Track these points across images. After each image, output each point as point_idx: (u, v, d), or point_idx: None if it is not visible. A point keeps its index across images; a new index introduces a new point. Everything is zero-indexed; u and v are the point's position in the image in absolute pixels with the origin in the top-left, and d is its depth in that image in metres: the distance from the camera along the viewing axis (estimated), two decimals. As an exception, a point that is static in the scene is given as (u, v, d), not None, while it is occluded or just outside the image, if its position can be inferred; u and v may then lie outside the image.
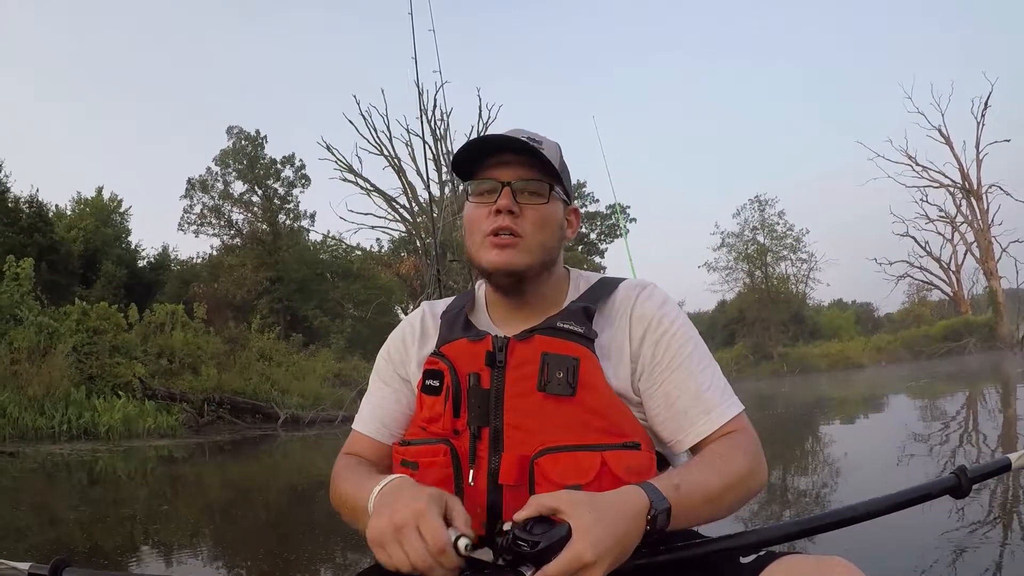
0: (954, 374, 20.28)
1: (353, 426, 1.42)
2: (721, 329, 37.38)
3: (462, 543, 0.96)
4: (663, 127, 69.82)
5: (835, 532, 1.10)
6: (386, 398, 1.39)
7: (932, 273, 37.49)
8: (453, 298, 1.45)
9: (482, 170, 1.29)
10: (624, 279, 1.36)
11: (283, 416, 16.72)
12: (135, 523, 6.15)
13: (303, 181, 34.10)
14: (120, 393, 14.91)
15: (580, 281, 1.37)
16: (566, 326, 1.21)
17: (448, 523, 0.98)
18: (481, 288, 1.42)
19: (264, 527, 6.14)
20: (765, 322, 33.84)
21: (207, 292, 28.53)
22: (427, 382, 1.26)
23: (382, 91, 26.49)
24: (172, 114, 57.63)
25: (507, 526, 0.98)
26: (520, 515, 0.97)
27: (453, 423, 1.21)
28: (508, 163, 1.27)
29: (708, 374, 1.26)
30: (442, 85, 24.62)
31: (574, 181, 1.45)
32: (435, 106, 25.34)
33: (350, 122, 24.18)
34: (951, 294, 37.31)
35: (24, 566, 1.26)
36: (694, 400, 1.22)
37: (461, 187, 1.34)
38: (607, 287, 1.33)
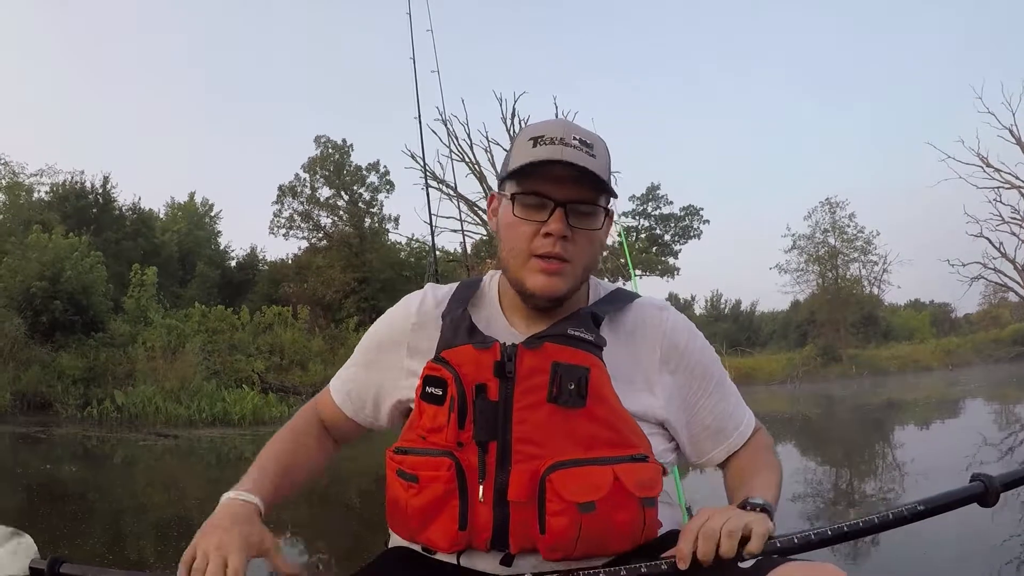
0: (1008, 381, 20.14)
1: (330, 384, 1.43)
2: (794, 329, 37.42)
3: None
4: (737, 128, 69.37)
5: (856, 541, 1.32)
6: (360, 374, 1.38)
7: (1006, 275, 36.16)
8: (456, 285, 1.36)
9: (534, 180, 1.17)
10: (639, 295, 1.33)
11: (382, 408, 17.91)
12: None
13: (387, 187, 35.12)
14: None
15: (599, 288, 1.33)
16: (576, 333, 1.16)
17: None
18: (494, 280, 1.34)
19: (351, 511, 6.62)
20: (836, 324, 33.61)
21: (296, 292, 29.80)
22: (428, 389, 1.18)
23: (462, 100, 27.88)
24: (257, 119, 59.85)
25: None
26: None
27: (457, 435, 1.14)
28: (562, 178, 1.16)
29: (733, 389, 1.33)
30: (521, 94, 25.74)
31: (649, 184, 1.55)
32: (514, 114, 26.60)
33: (433, 132, 25.50)
34: (1025, 296, 36.34)
35: None
36: (729, 418, 1.31)
37: (501, 185, 1.25)
38: (623, 299, 1.29)
